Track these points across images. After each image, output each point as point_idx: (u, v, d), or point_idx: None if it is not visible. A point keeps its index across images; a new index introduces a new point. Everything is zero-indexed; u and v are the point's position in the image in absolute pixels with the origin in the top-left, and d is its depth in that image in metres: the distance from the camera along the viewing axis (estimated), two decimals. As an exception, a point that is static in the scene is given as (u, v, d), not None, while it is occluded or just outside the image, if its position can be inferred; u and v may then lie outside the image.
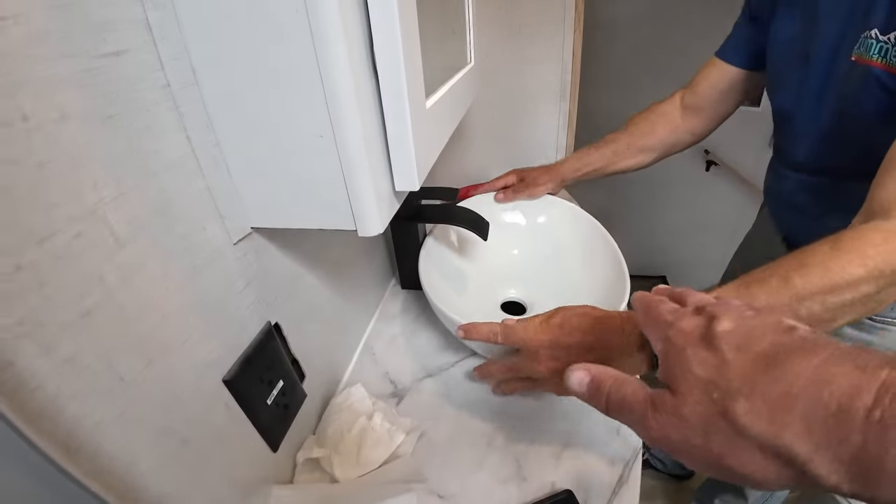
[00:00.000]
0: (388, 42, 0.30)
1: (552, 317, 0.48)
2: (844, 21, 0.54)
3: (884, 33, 0.48)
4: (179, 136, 0.32)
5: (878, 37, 0.49)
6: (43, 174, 0.24)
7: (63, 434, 0.25)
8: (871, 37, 0.50)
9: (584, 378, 0.31)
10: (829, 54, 0.57)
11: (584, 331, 0.45)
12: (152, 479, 0.31)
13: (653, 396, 0.27)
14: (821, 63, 0.58)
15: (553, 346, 0.46)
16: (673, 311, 0.30)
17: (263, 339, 0.43)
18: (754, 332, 0.24)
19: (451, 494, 0.49)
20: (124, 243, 0.28)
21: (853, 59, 0.52)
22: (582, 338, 0.45)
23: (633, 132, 0.86)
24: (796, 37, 0.63)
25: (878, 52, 0.49)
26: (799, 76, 0.63)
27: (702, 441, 0.24)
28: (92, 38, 0.26)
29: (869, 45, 0.50)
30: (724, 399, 0.23)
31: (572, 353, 0.45)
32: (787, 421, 0.21)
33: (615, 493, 0.50)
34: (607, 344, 0.43)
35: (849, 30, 0.53)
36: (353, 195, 0.34)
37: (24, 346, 0.23)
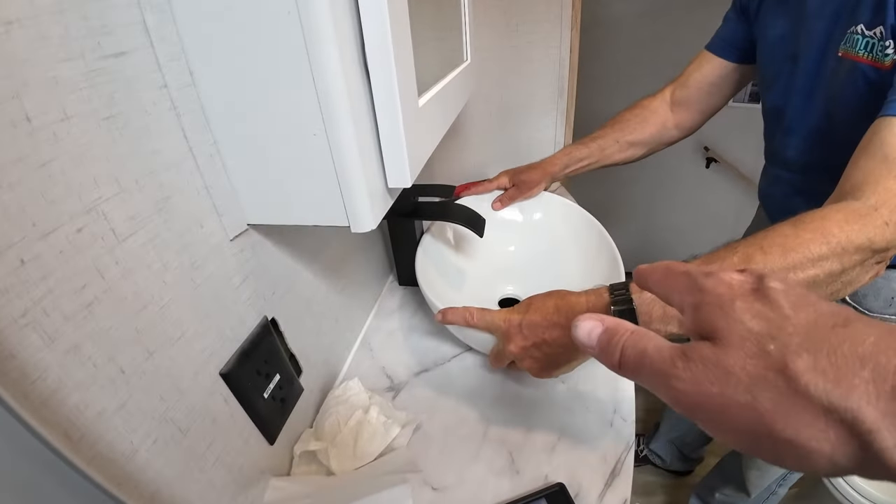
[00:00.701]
0: (378, 43, 0.31)
1: (524, 302, 0.50)
2: (832, 19, 0.55)
3: (869, 28, 0.48)
4: (177, 135, 0.33)
5: (864, 32, 0.49)
6: (46, 172, 0.25)
7: (65, 423, 0.26)
8: (857, 32, 0.50)
9: (596, 328, 0.27)
10: (817, 53, 0.57)
11: (550, 310, 0.46)
12: (152, 469, 0.32)
13: (683, 349, 0.22)
14: (809, 61, 0.59)
15: (521, 324, 0.48)
16: (705, 270, 0.25)
17: (260, 333, 0.44)
18: (809, 297, 0.22)
19: (446, 486, 0.50)
20: (124, 239, 0.29)
21: (840, 54, 0.53)
22: (548, 315, 0.46)
23: (623, 128, 0.85)
24: (785, 35, 0.64)
25: (863, 48, 0.49)
26: (788, 73, 0.64)
27: (748, 399, 0.20)
28: (91, 41, 0.27)
29: (855, 40, 0.50)
30: (784, 353, 0.19)
31: (538, 330, 0.46)
32: (855, 383, 0.18)
33: (608, 485, 0.50)
34: None
35: (836, 27, 0.54)
36: (346, 192, 0.35)
37: (28, 337, 0.24)
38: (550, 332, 0.46)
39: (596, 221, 0.79)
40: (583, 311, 0.44)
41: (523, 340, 0.48)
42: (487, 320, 0.51)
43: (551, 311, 0.46)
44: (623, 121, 0.86)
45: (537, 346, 0.48)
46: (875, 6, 0.48)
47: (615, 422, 0.57)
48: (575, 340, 0.28)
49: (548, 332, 0.46)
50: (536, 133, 1.11)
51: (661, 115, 0.85)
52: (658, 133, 0.85)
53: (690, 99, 0.83)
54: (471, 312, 0.53)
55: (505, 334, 0.50)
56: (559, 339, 0.46)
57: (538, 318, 0.47)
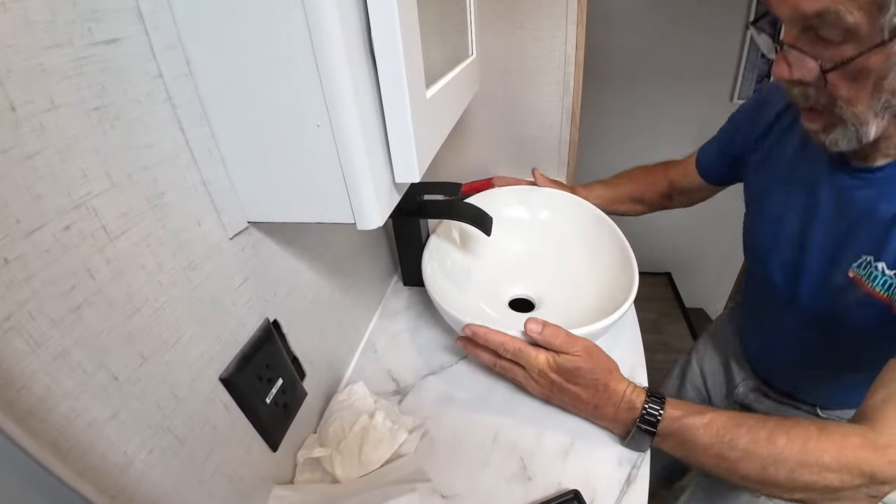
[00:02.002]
0: (386, 28, 0.29)
1: (588, 343, 0.52)
2: (842, 237, 0.53)
3: (891, 268, 0.48)
4: (173, 127, 0.32)
5: (885, 271, 0.48)
6: (31, 165, 0.23)
7: (53, 434, 0.24)
8: (876, 267, 0.49)
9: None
10: (823, 265, 0.55)
11: (587, 383, 0.51)
12: (147, 480, 0.30)
13: None
14: (813, 272, 0.57)
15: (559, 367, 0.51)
16: None
17: (262, 336, 0.42)
18: None
19: (455, 494, 0.49)
20: (116, 237, 0.28)
21: (851, 275, 0.51)
22: (584, 382, 0.51)
23: (639, 184, 0.90)
24: (783, 217, 0.60)
25: (882, 286, 0.48)
26: (787, 263, 0.60)
27: None
28: (81, 27, 0.25)
29: (874, 274, 0.49)
30: None
31: (567, 380, 0.51)
32: None
33: (623, 492, 0.49)
34: (597, 403, 0.51)
35: (846, 245, 0.52)
36: (351, 187, 0.33)
37: (12, 342, 0.22)
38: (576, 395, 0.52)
39: (603, 215, 0.78)
40: (622, 398, 0.50)
41: (550, 387, 0.53)
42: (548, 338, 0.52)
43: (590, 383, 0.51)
44: (641, 177, 0.91)
45: (551, 397, 0.55)
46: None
47: (629, 426, 0.55)
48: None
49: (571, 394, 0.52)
50: (541, 131, 1.10)
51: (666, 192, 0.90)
52: (661, 202, 0.92)
53: (684, 189, 0.88)
54: (506, 349, 0.53)
55: (540, 373, 0.52)
56: (571, 406, 0.54)
57: (577, 378, 0.51)
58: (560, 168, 1.15)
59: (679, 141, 2.41)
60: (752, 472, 0.43)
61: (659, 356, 2.34)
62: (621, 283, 0.64)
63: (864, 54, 0.39)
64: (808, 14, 0.40)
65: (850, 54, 0.40)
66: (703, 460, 0.46)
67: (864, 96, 0.42)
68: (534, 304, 0.75)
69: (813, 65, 0.42)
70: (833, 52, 0.41)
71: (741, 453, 0.43)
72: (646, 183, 0.90)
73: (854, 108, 0.43)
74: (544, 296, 0.75)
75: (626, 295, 0.59)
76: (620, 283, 0.64)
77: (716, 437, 0.45)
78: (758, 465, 0.43)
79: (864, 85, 0.41)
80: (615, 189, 0.91)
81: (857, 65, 0.40)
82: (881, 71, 0.40)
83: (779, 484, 0.43)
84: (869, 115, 0.43)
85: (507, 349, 0.52)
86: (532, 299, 0.76)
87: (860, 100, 0.42)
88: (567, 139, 1.10)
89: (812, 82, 0.44)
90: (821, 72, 0.42)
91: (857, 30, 0.38)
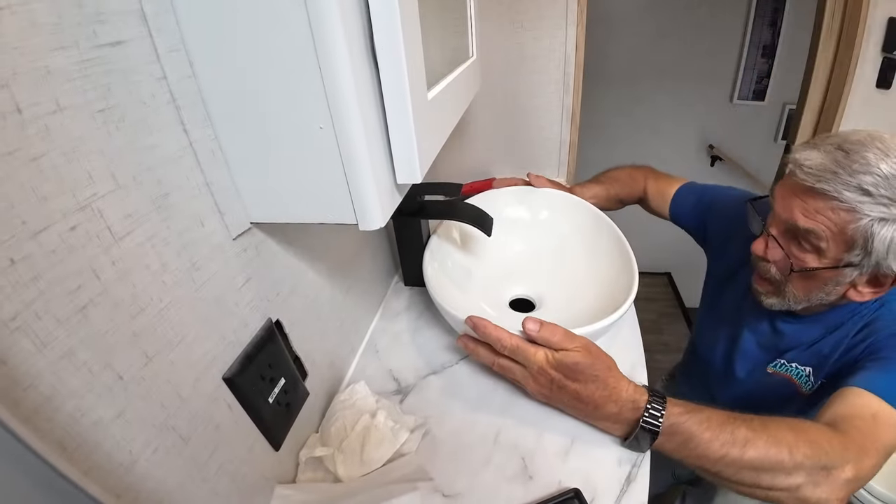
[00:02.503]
0: (388, 30, 0.30)
1: (586, 341, 0.52)
2: (765, 348, 0.72)
3: (801, 365, 0.67)
4: (177, 129, 0.32)
5: (797, 367, 0.67)
6: (37, 167, 0.23)
7: (59, 433, 0.24)
8: (787, 363, 0.68)
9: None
10: (749, 367, 0.75)
11: (587, 378, 0.50)
12: (152, 479, 0.30)
13: None
14: (741, 372, 0.76)
15: (572, 360, 0.50)
16: None
17: (264, 336, 0.42)
18: None
19: (457, 493, 0.49)
20: (121, 237, 0.28)
21: (769, 371, 0.71)
22: (584, 378, 0.50)
23: (623, 186, 0.95)
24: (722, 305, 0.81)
25: (794, 374, 0.68)
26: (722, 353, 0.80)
27: None
28: (86, 29, 0.26)
29: (786, 368, 0.68)
30: None
31: (567, 376, 0.50)
32: None
33: (623, 491, 0.49)
34: (597, 402, 0.50)
35: (766, 353, 0.72)
36: (353, 188, 0.34)
37: (19, 342, 0.22)
38: (574, 392, 0.51)
39: (603, 215, 0.78)
40: (624, 396, 0.50)
41: (549, 386, 0.52)
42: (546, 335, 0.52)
43: (591, 378, 0.50)
44: (625, 181, 0.96)
45: (552, 396, 0.53)
46: (804, 349, 0.67)
47: (630, 425, 0.55)
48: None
49: (574, 398, 0.52)
50: (541, 131, 1.10)
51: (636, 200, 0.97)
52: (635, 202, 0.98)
53: (647, 206, 0.96)
54: (504, 345, 0.52)
55: (539, 370, 0.51)
56: (570, 407, 0.53)
57: (578, 372, 0.50)
58: (560, 168, 1.15)
59: (679, 141, 2.42)
60: (757, 457, 0.45)
61: (659, 356, 2.34)
62: (621, 283, 0.64)
63: (821, 269, 0.56)
64: (799, 226, 0.55)
65: (812, 265, 0.56)
66: (707, 454, 0.46)
67: (807, 290, 0.60)
68: (534, 304, 0.76)
69: (785, 262, 0.59)
70: (799, 254, 0.57)
71: (744, 440, 0.45)
72: (629, 187, 0.95)
73: (796, 293, 0.60)
74: (545, 296, 0.75)
75: (626, 295, 0.59)
76: (620, 283, 0.64)
77: (718, 430, 0.46)
78: (762, 448, 0.45)
79: (811, 285, 0.59)
80: (608, 189, 0.93)
81: (813, 273, 0.57)
82: (825, 281, 0.57)
83: (782, 463, 0.45)
84: (803, 300, 0.61)
85: (505, 345, 0.52)
86: (532, 299, 0.76)
87: (803, 291, 0.60)
88: (567, 139, 1.10)
89: (778, 268, 0.61)
90: (790, 270, 0.58)
91: (825, 252, 0.55)
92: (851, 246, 0.52)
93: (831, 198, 0.51)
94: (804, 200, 0.55)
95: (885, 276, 0.54)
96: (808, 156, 0.54)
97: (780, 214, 0.58)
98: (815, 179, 0.52)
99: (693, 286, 2.71)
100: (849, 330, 0.62)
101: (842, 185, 0.50)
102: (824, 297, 0.59)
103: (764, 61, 2.10)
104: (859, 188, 0.50)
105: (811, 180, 0.53)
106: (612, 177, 0.96)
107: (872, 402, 0.50)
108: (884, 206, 0.50)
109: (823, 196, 0.52)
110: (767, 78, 2.12)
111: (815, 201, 0.53)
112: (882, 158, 0.50)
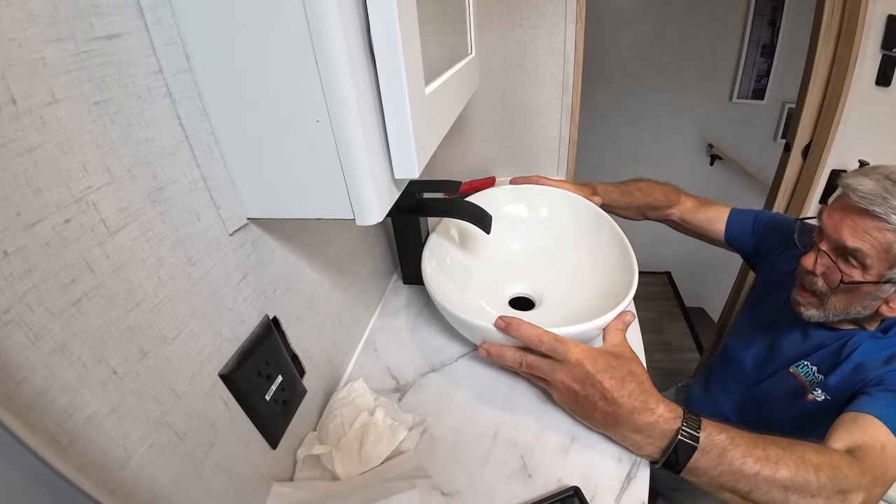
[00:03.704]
0: (385, 23, 0.29)
1: (612, 355, 0.51)
2: (793, 350, 0.77)
3: (819, 371, 0.71)
4: (173, 123, 0.32)
5: (815, 372, 0.71)
6: (31, 158, 0.23)
7: (52, 428, 0.24)
8: (809, 365, 0.73)
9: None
10: (780, 366, 0.78)
11: (624, 375, 0.49)
12: (146, 476, 0.30)
13: None
14: (768, 371, 0.80)
15: (594, 372, 0.49)
16: None
17: (261, 332, 0.42)
18: None
19: (456, 491, 0.49)
20: (115, 231, 0.28)
21: (791, 371, 0.75)
22: (623, 374, 0.49)
23: (644, 198, 0.96)
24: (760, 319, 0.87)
25: (808, 377, 0.72)
26: (756, 352, 0.85)
27: None
28: (82, 21, 0.25)
29: (806, 370, 0.73)
30: None
31: (604, 369, 0.49)
32: None
33: (624, 489, 0.49)
34: (633, 407, 0.48)
35: (792, 355, 0.76)
36: (350, 183, 0.33)
37: (12, 335, 0.22)
38: (600, 403, 0.49)
39: (606, 216, 0.78)
40: (653, 418, 0.48)
41: (580, 384, 0.50)
42: (562, 352, 0.51)
43: (629, 386, 0.49)
44: (650, 193, 0.97)
45: (581, 401, 0.50)
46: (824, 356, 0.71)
47: (629, 423, 0.55)
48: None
49: (603, 402, 0.49)
50: (541, 129, 1.10)
51: (667, 212, 0.99)
52: (660, 217, 1.00)
53: (687, 223, 0.98)
54: (541, 340, 0.51)
55: (571, 370, 0.50)
56: (599, 414, 0.49)
57: (604, 390, 0.49)
58: (560, 166, 1.15)
59: (678, 140, 2.42)
60: (788, 477, 0.45)
61: (659, 356, 2.34)
62: (621, 281, 0.64)
63: (865, 283, 0.62)
64: (847, 245, 0.62)
65: (857, 278, 0.62)
66: (743, 469, 0.45)
67: (847, 303, 0.65)
68: (534, 302, 0.75)
69: (834, 275, 0.64)
70: (846, 269, 0.63)
71: (776, 458, 0.46)
72: (658, 202, 0.97)
73: (837, 305, 0.66)
74: (544, 294, 0.75)
75: (625, 292, 0.59)
76: (620, 281, 0.64)
77: (752, 446, 0.46)
78: (793, 467, 0.45)
79: (852, 298, 0.65)
80: (629, 198, 0.95)
81: (857, 286, 0.62)
82: (865, 296, 0.63)
83: (809, 484, 0.45)
84: (842, 313, 0.67)
85: (543, 340, 0.51)
86: (532, 297, 0.76)
87: (844, 303, 0.66)
88: (567, 137, 1.10)
89: (826, 281, 0.66)
90: (839, 282, 0.63)
91: (870, 268, 0.61)
92: (894, 264, 0.59)
93: (880, 219, 0.59)
94: (854, 220, 0.62)
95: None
96: (861, 182, 0.61)
97: (831, 233, 0.65)
98: (868, 202, 0.59)
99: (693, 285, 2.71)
100: (873, 351, 0.66)
101: (890, 209, 0.58)
102: (861, 310, 0.65)
103: (763, 60, 2.10)
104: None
105: (864, 203, 0.59)
106: (643, 189, 0.97)
107: (882, 432, 0.53)
108: None
109: (873, 217, 0.59)
110: (767, 77, 2.13)
111: (864, 222, 0.61)
112: None
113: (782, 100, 2.13)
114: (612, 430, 0.50)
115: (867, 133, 1.23)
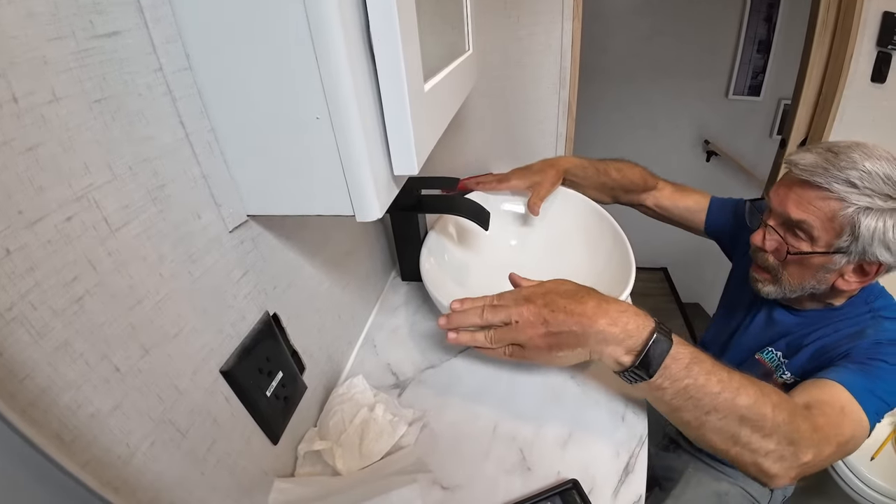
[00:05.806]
0: (384, 20, 0.29)
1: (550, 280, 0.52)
2: (758, 337, 0.77)
3: (784, 356, 0.71)
4: (173, 121, 0.32)
5: (780, 357, 0.71)
6: (33, 157, 0.23)
7: (56, 425, 0.24)
8: (773, 351, 0.73)
9: None
10: (746, 354, 0.78)
11: (575, 289, 0.50)
12: (150, 472, 0.30)
13: None
14: (733, 359, 0.80)
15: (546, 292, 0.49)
16: None
17: (262, 329, 0.42)
18: None
19: (456, 485, 0.49)
20: (117, 229, 0.28)
21: (756, 358, 0.75)
22: (572, 292, 0.49)
23: (621, 179, 0.90)
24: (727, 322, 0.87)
25: (773, 362, 0.72)
26: (722, 341, 0.86)
27: None
28: (83, 19, 0.25)
29: (771, 355, 0.73)
30: None
31: (560, 301, 0.48)
32: None
33: (622, 481, 0.49)
34: (598, 310, 0.47)
35: (758, 341, 0.76)
36: (350, 179, 0.33)
37: (15, 333, 0.22)
38: (571, 307, 0.48)
39: (604, 212, 0.78)
40: (625, 307, 0.48)
41: (542, 307, 0.48)
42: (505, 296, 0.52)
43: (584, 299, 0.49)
44: (625, 173, 0.91)
45: (549, 318, 0.47)
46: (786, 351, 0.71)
47: (627, 416, 0.56)
48: None
49: (569, 306, 0.48)
50: (538, 125, 1.10)
51: (641, 196, 0.94)
52: (633, 199, 0.95)
53: (664, 210, 0.94)
54: (484, 314, 0.51)
55: (526, 297, 0.50)
56: (574, 322, 0.47)
57: (564, 298, 0.49)
58: (557, 163, 1.15)
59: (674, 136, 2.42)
60: (746, 405, 0.45)
61: (655, 351, 2.35)
62: (618, 277, 0.64)
63: (814, 254, 0.62)
64: (792, 218, 0.62)
65: (806, 250, 0.62)
66: (707, 386, 0.44)
67: (800, 277, 0.65)
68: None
69: (781, 249, 0.65)
70: (795, 242, 0.63)
71: (738, 385, 0.46)
72: (634, 184, 0.91)
73: (791, 280, 0.66)
74: (542, 290, 0.75)
75: (622, 288, 0.59)
76: (617, 277, 0.65)
77: (716, 367, 0.46)
78: (752, 396, 0.45)
79: (804, 272, 0.64)
80: (605, 177, 0.89)
81: (806, 258, 0.62)
82: (817, 268, 0.63)
83: (765, 419, 0.45)
84: (797, 287, 0.66)
85: (488, 302, 0.51)
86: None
87: (797, 278, 0.65)
88: (563, 133, 1.10)
89: (775, 256, 0.66)
90: (786, 254, 0.64)
91: (817, 239, 0.61)
92: (840, 232, 0.59)
93: (822, 189, 0.58)
94: (798, 193, 0.62)
95: (870, 263, 0.59)
96: (803, 156, 0.62)
97: (776, 207, 0.65)
98: (809, 174, 0.59)
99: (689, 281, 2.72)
100: (838, 329, 0.66)
101: (832, 178, 0.57)
102: (816, 284, 0.64)
103: (759, 56, 2.10)
104: (846, 181, 0.57)
105: (805, 175, 0.60)
106: (621, 169, 0.91)
107: (843, 395, 0.54)
108: (868, 197, 0.56)
109: (815, 188, 0.59)
110: (763, 73, 2.13)
111: (807, 193, 0.61)
112: (866, 158, 0.57)
113: (778, 96, 2.14)
114: (587, 337, 0.47)
115: (862, 129, 1.24)
